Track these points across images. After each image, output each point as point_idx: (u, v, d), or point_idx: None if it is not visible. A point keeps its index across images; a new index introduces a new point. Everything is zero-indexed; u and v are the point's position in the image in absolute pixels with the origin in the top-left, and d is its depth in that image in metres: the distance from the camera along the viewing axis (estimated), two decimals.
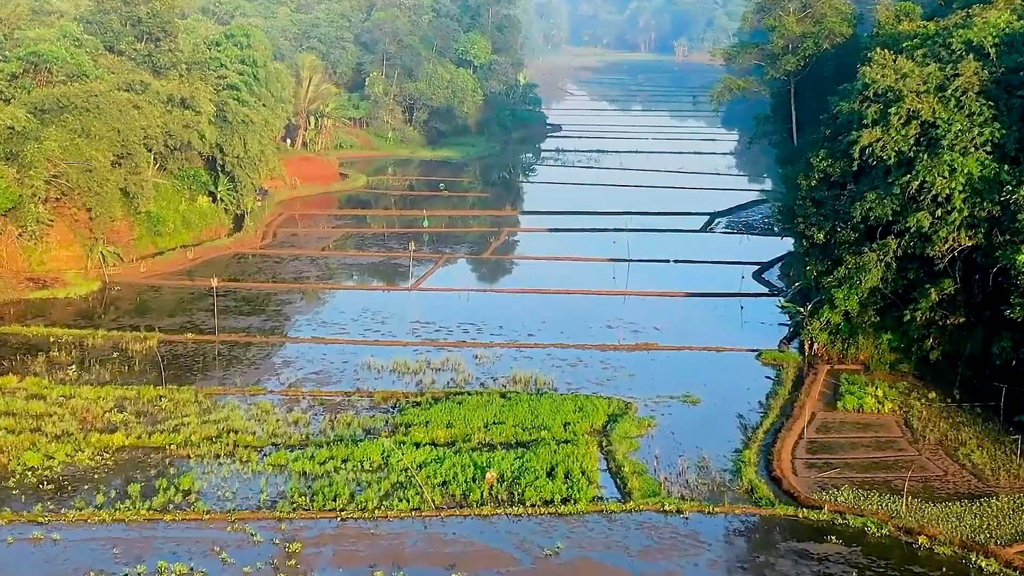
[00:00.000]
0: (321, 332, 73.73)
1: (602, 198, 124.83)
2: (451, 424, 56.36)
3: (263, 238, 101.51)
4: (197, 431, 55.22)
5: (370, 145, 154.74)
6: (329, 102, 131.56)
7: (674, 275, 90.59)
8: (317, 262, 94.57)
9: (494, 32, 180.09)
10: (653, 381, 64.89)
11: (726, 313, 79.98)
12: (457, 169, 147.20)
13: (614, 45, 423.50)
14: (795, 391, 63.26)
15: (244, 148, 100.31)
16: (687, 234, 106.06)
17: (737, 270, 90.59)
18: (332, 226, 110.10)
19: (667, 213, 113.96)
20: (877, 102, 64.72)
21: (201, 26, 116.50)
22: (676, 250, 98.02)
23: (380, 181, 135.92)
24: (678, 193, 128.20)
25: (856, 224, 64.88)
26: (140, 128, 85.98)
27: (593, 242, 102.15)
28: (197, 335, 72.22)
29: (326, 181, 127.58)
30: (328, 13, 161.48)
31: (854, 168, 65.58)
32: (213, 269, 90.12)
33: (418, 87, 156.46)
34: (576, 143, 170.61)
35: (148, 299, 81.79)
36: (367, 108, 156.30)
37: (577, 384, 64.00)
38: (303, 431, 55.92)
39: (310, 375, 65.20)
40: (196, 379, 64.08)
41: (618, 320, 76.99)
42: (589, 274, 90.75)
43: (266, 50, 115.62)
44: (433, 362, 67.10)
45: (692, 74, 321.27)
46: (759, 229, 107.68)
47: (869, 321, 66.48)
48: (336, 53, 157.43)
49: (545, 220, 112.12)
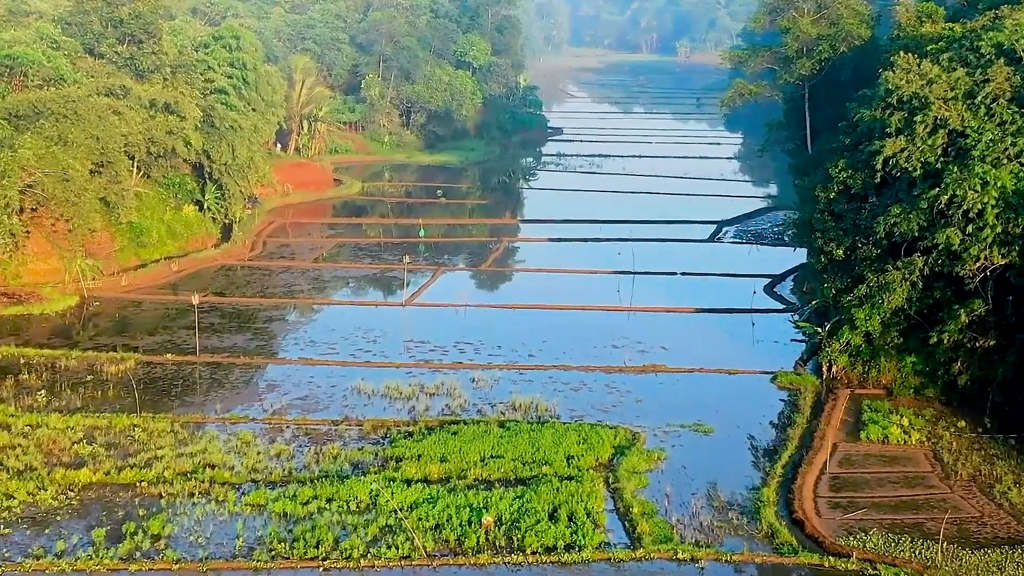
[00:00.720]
0: (309, 352, 69.65)
1: (605, 205, 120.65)
2: (445, 458, 52.20)
3: (252, 248, 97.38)
4: (171, 466, 51.14)
5: (366, 149, 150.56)
6: (323, 106, 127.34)
7: (681, 288, 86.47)
8: (308, 274, 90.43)
9: (494, 33, 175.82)
10: (662, 407, 60.79)
11: (737, 330, 75.84)
12: (455, 174, 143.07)
13: (615, 46, 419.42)
14: (814, 419, 59.12)
15: (232, 155, 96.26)
16: (694, 244, 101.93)
17: (747, 283, 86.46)
18: (325, 235, 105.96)
19: (673, 221, 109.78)
20: (901, 109, 60.73)
21: (189, 27, 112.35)
22: (683, 261, 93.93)
23: (376, 187, 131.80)
24: (683, 200, 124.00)
25: (879, 240, 60.82)
26: (120, 135, 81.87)
27: (596, 252, 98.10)
28: (177, 356, 68.14)
29: (319, 187, 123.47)
30: (323, 14, 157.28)
31: (876, 180, 61.57)
32: (198, 282, 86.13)
33: (415, 90, 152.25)
34: (578, 147, 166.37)
35: (128, 315, 77.69)
36: (363, 111, 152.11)
37: (581, 411, 59.88)
38: (285, 465, 51.82)
39: (296, 401, 61.10)
40: (174, 405, 60.00)
41: (623, 338, 72.87)
42: (592, 287, 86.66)
43: (257, 52, 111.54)
44: (427, 386, 62.99)
45: (695, 75, 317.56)
46: (769, 239, 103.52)
47: (892, 343, 62.45)
48: (331, 55, 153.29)
49: (546, 229, 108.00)
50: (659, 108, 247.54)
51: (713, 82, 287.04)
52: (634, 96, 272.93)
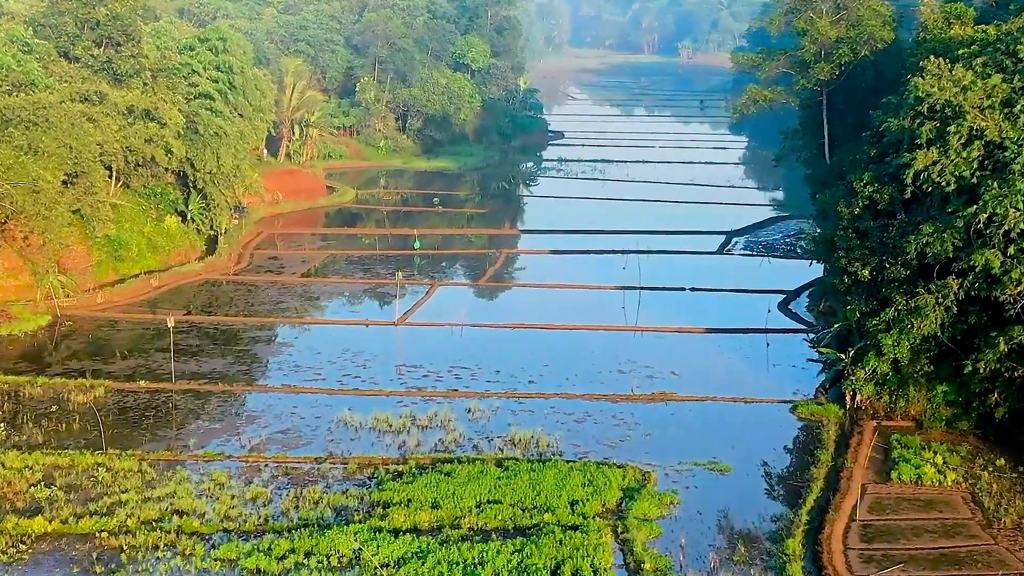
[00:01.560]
0: (294, 378, 64.90)
1: (608, 213, 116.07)
2: (437, 504, 47.42)
3: (238, 262, 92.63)
4: (136, 512, 46.43)
5: (360, 155, 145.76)
6: (315, 110, 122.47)
7: (690, 305, 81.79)
8: (296, 290, 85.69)
9: (493, 34, 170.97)
10: (673, 442, 56.04)
11: (751, 353, 71.07)
12: (453, 181, 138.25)
13: (617, 46, 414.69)
14: (839, 455, 54.31)
15: (217, 163, 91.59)
16: (702, 256, 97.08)
17: (760, 300, 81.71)
18: (316, 247, 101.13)
19: (680, 232, 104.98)
20: (932, 119, 55.93)
21: (175, 29, 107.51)
22: (691, 275, 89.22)
23: (370, 195, 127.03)
24: (690, 208, 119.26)
25: (908, 260, 56.05)
26: (95, 143, 77.07)
27: (600, 265, 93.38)
28: (151, 383, 63.43)
29: (311, 195, 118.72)
30: (317, 15, 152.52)
31: (906, 195, 56.76)
32: (180, 298, 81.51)
33: (412, 93, 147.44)
34: (579, 151, 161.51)
35: (103, 336, 72.92)
36: (358, 115, 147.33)
37: (585, 446, 55.15)
38: (262, 512, 47.05)
39: (276, 434, 56.36)
40: (144, 440, 55.30)
41: (630, 362, 68.09)
42: (597, 304, 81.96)
43: (245, 55, 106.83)
44: (419, 418, 58.24)
45: (697, 76, 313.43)
46: (780, 251, 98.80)
47: (922, 371, 57.72)
48: (325, 57, 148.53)
49: (547, 240, 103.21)
50: (662, 110, 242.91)
51: (716, 84, 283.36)
52: (636, 98, 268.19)
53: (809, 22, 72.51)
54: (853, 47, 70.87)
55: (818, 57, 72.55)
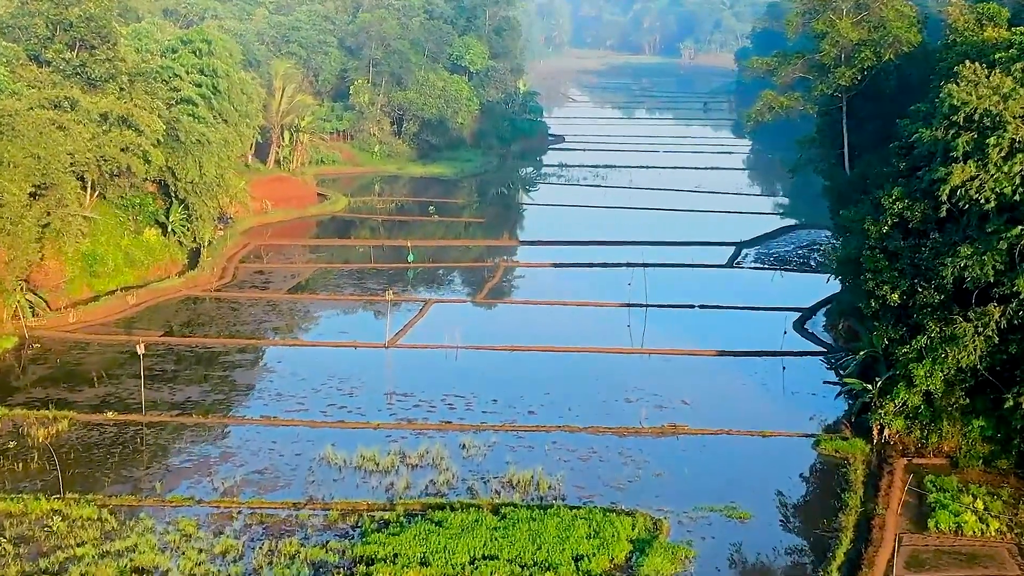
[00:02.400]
0: (274, 408, 60.13)
1: (612, 223, 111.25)
2: (427, 560, 42.66)
3: (221, 276, 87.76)
4: (91, 570, 41.75)
5: (354, 160, 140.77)
6: (305, 115, 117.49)
7: (700, 324, 76.98)
8: (281, 307, 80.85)
9: (491, 36, 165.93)
10: (687, 484, 51.29)
11: (767, 378, 66.24)
12: (450, 187, 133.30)
13: (617, 47, 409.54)
14: (869, 499, 49.53)
15: (199, 171, 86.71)
16: (711, 270, 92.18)
17: (773, 318, 76.91)
18: (304, 260, 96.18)
19: (687, 243, 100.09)
20: (969, 130, 51.21)
21: (157, 31, 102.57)
22: (700, 291, 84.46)
23: (363, 202, 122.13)
24: (696, 217, 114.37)
25: (943, 284, 51.29)
26: (66, 153, 72.18)
27: (604, 280, 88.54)
28: (120, 414, 58.69)
29: (302, 203, 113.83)
30: (309, 15, 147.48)
31: (940, 213, 52.00)
32: (157, 317, 76.77)
33: (407, 96, 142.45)
34: (581, 156, 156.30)
35: (72, 360, 68.07)
36: (351, 119, 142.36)
37: (591, 489, 50.41)
38: (231, 570, 42.30)
39: (252, 475, 51.60)
40: (107, 483, 50.59)
41: (638, 389, 63.29)
42: (600, 323, 77.27)
43: (231, 57, 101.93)
44: (409, 455, 53.48)
45: (699, 77, 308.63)
46: (793, 263, 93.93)
47: (956, 404, 53.02)
48: (318, 59, 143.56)
49: (548, 252, 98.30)
50: (664, 112, 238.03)
51: (719, 85, 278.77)
52: (638, 100, 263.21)
53: (829, 24, 67.65)
54: (876, 50, 65.98)
55: (838, 61, 67.72)
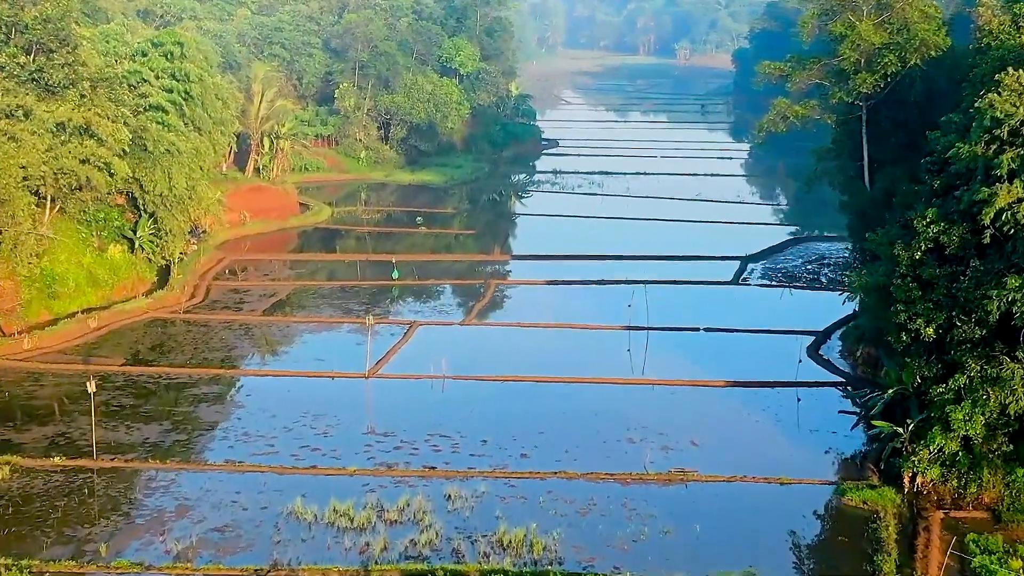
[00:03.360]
0: (240, 451, 54.45)
1: (609, 234, 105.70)
2: None
3: (192, 295, 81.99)
4: None
5: (340, 167, 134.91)
6: (286, 121, 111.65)
7: (706, 350, 71.43)
8: (255, 332, 75.08)
9: (483, 37, 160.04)
10: (698, 543, 45.76)
11: (781, 412, 60.63)
12: (439, 196, 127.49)
13: (612, 48, 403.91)
14: (905, 562, 43.91)
15: (169, 183, 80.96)
16: (716, 288, 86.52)
17: (785, 342, 71.47)
18: (282, 277, 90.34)
19: (689, 257, 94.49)
20: (1015, 145, 45.63)
21: (127, 32, 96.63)
22: (704, 311, 78.99)
23: (347, 212, 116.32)
24: (698, 228, 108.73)
25: (986, 319, 45.74)
26: (17, 166, 66.35)
27: (602, 299, 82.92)
28: (69, 459, 52.96)
29: (282, 214, 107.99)
30: (293, 16, 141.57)
31: (982, 239, 46.45)
32: (121, 343, 71.11)
33: (395, 100, 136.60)
34: (575, 162, 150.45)
35: (23, 394, 62.32)
36: (336, 124, 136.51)
37: (591, 549, 44.91)
38: None
39: (211, 533, 45.96)
40: (46, 544, 44.90)
41: (641, 427, 57.69)
42: (599, 348, 71.69)
43: (206, 60, 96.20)
44: (387, 509, 47.82)
45: (696, 79, 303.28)
46: (803, 280, 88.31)
47: (999, 451, 47.55)
48: (302, 61, 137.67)
49: (542, 268, 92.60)
50: (660, 115, 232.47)
51: (716, 87, 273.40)
52: (634, 102, 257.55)
53: (848, 26, 61.95)
54: (901, 55, 60.34)
55: (859, 66, 62.04)
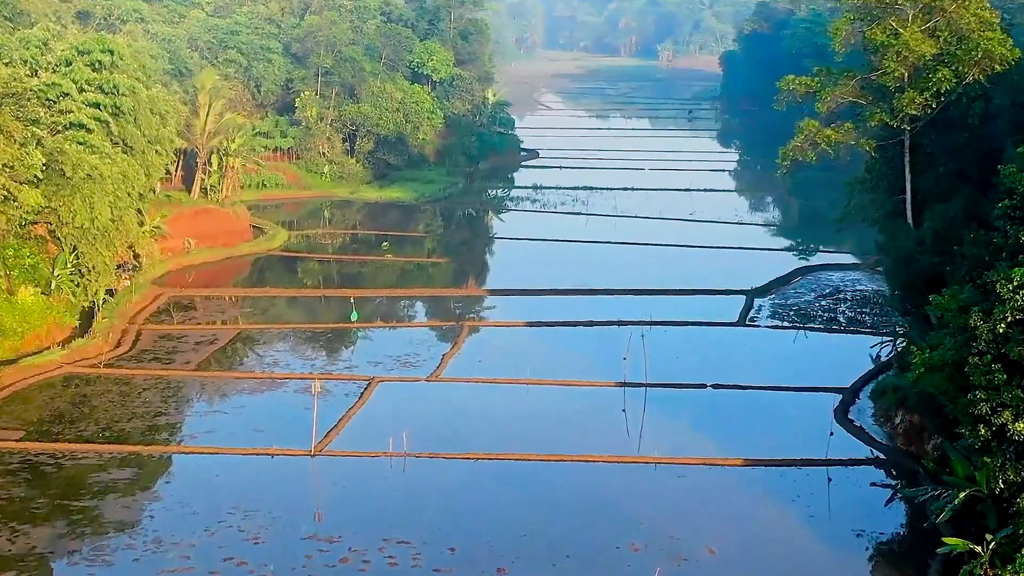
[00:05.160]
0: (146, 567, 43.50)
1: (595, 261, 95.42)
2: None
3: (118, 344, 70.86)
4: None
5: (301, 183, 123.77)
6: (236, 136, 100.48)
7: (716, 413, 60.83)
8: (185, 391, 63.99)
9: (457, 40, 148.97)
10: None
11: (813, 502, 50.09)
12: (408, 214, 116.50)
13: (593, 49, 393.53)
14: None
15: (91, 213, 69.94)
16: (721, 330, 75.87)
17: (806, 402, 61.27)
18: (224, 318, 79.11)
19: (688, 292, 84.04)
20: None
21: (52, 38, 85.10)
22: (710, 360, 68.76)
23: (306, 236, 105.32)
24: (694, 255, 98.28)
25: None
26: None
27: (591, 344, 72.58)
28: None
29: (232, 239, 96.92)
30: (251, 17, 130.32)
31: None
32: (24, 409, 60.22)
33: (361, 110, 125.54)
34: (557, 176, 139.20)
35: None
36: (298, 136, 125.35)
37: None
38: None
39: None
40: None
41: (645, 527, 47.00)
42: (589, 410, 61.17)
43: (143, 70, 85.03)
44: None
45: (680, 81, 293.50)
46: (818, 319, 77.84)
47: None
48: (260, 67, 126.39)
49: (522, 305, 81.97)
50: (645, 121, 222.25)
51: (702, 90, 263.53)
52: (617, 107, 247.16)
53: (891, 33, 51.29)
54: (957, 69, 49.71)
55: (904, 82, 51.43)
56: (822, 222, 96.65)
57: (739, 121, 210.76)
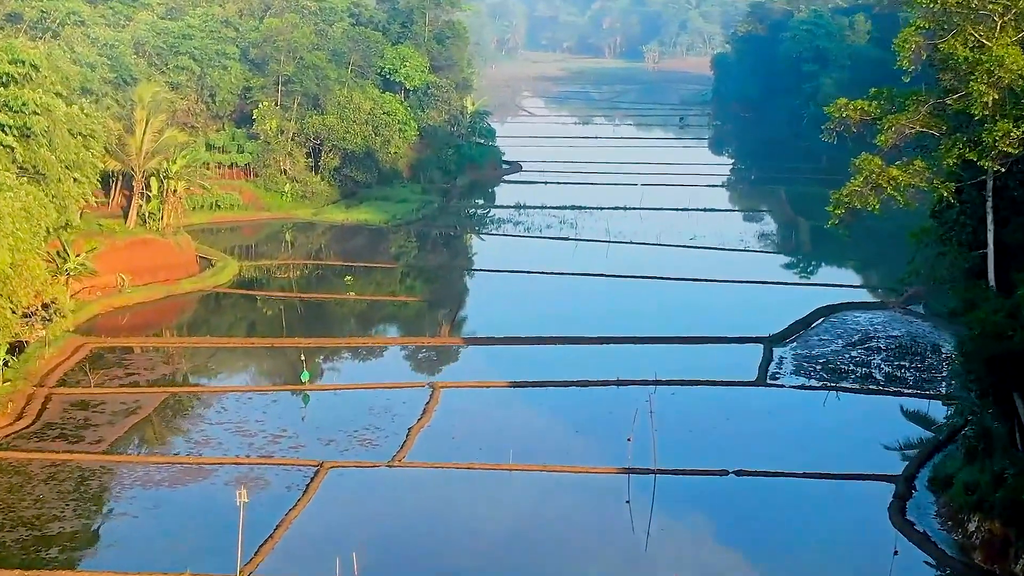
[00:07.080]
0: None
1: (586, 295, 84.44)
2: None
3: (19, 415, 59.10)
4: None
5: (259, 203, 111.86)
6: (177, 157, 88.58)
7: (741, 512, 49.57)
8: (90, 486, 52.07)
9: (432, 44, 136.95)
10: None
11: None
12: (378, 239, 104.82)
13: (576, 50, 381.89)
14: None
15: None
16: (738, 391, 64.49)
17: (851, 493, 50.26)
18: (150, 379, 66.93)
19: (697, 340, 72.79)
20: None
21: None
22: (728, 434, 57.93)
23: (259, 268, 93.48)
24: (698, 290, 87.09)
25: None
26: None
27: (586, 411, 61.31)
28: None
29: (173, 274, 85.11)
30: (205, 19, 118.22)
31: None
32: None
33: (326, 122, 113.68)
34: (542, 193, 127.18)
35: None
36: (255, 151, 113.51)
37: None
38: None
39: None
40: None
41: None
42: (586, 506, 50.14)
43: (62, 84, 73.36)
44: None
45: (668, 84, 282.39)
46: (849, 375, 66.67)
47: None
48: (215, 74, 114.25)
49: (504, 357, 70.66)
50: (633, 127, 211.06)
51: (691, 94, 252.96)
52: (604, 111, 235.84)
53: (976, 45, 39.99)
54: None
55: (994, 110, 40.10)
56: (832, 243, 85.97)
57: (732, 127, 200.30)
